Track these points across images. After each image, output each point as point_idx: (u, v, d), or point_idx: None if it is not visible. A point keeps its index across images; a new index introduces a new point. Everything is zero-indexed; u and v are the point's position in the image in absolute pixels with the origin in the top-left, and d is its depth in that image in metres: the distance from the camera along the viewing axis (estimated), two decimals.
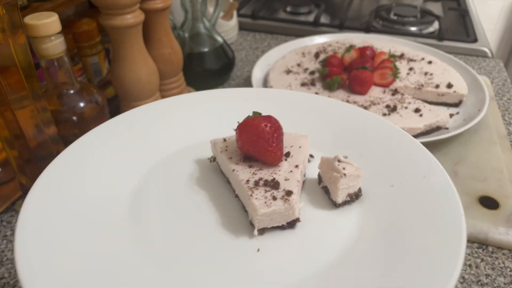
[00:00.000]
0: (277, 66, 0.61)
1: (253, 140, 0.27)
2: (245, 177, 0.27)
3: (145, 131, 0.34)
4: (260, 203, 0.25)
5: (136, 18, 0.42)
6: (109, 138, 0.33)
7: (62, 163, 0.29)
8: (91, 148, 0.31)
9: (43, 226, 0.25)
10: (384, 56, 0.58)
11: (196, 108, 0.37)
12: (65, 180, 0.28)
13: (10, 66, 0.32)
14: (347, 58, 0.58)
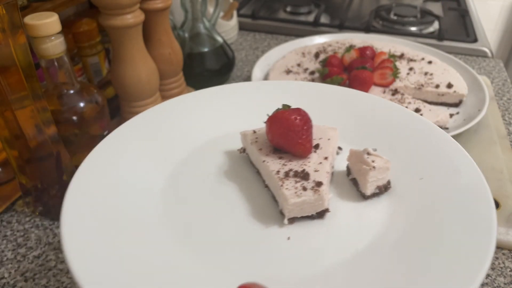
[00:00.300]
0: (277, 66, 0.61)
1: (283, 132, 0.28)
2: (276, 168, 0.28)
3: (177, 122, 0.35)
4: (290, 193, 0.26)
5: (136, 18, 0.42)
6: (144, 129, 0.33)
7: (100, 153, 0.31)
8: (127, 139, 0.32)
9: (85, 212, 0.26)
10: (384, 56, 0.58)
11: (224, 100, 0.37)
12: (104, 169, 0.29)
13: (10, 66, 0.32)
14: (347, 58, 0.58)
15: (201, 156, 0.32)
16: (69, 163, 0.40)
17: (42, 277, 0.35)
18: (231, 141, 0.33)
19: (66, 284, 0.34)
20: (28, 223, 0.40)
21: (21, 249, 0.37)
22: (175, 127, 0.34)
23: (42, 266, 0.36)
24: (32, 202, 0.40)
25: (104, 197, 0.27)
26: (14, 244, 0.38)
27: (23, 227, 0.40)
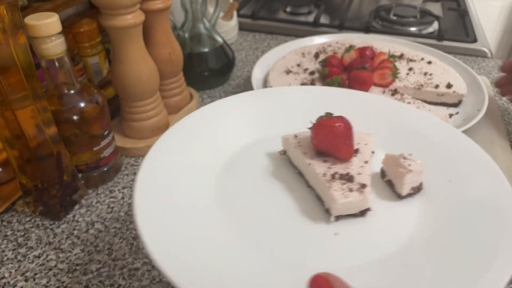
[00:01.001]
0: (277, 66, 0.61)
1: (329, 138, 0.31)
2: (322, 171, 0.30)
3: (226, 121, 0.37)
4: (338, 194, 0.28)
5: (137, 19, 0.42)
6: (198, 126, 0.36)
7: (165, 142, 0.33)
8: (181, 135, 0.35)
9: (154, 184, 0.29)
10: (384, 56, 0.58)
11: (264, 104, 0.40)
12: (167, 157, 0.32)
13: (11, 66, 0.32)
14: (347, 58, 0.58)
15: (245, 156, 0.35)
16: (69, 163, 0.40)
17: (42, 277, 0.35)
18: (271, 143, 0.36)
19: (66, 284, 0.34)
20: (28, 223, 0.40)
21: (21, 249, 0.37)
22: (223, 127, 0.37)
23: (42, 266, 0.36)
24: (33, 202, 0.40)
25: (168, 181, 0.30)
26: (14, 244, 0.38)
27: (23, 227, 0.40)
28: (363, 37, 0.71)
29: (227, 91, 0.63)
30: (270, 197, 0.32)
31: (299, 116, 0.35)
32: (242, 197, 0.32)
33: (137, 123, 0.49)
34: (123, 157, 0.49)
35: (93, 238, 0.38)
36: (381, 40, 0.69)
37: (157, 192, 0.29)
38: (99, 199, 0.43)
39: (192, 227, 0.28)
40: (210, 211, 0.30)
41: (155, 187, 0.29)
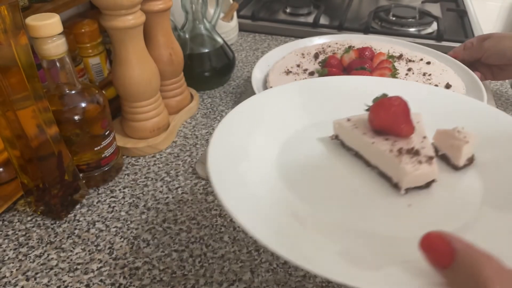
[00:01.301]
0: (277, 66, 0.61)
1: (391, 116, 0.32)
2: (387, 148, 0.32)
3: (280, 108, 0.39)
4: (409, 167, 0.30)
5: (137, 19, 0.42)
6: (256, 110, 0.38)
7: (227, 122, 0.35)
8: (241, 118, 0.36)
9: (224, 153, 0.31)
10: (383, 56, 0.58)
11: (304, 94, 0.41)
12: (232, 134, 0.34)
13: (12, 66, 0.32)
14: (346, 59, 0.58)
15: (298, 141, 0.37)
16: (70, 163, 0.40)
17: (43, 276, 0.35)
18: (315, 130, 0.38)
19: (67, 283, 0.34)
20: (29, 222, 0.40)
21: (22, 248, 0.38)
22: (278, 112, 0.39)
23: (43, 265, 0.36)
24: (34, 201, 0.40)
25: (233, 162, 0.32)
26: (15, 243, 0.38)
27: (24, 226, 0.40)
28: (362, 37, 0.71)
29: (227, 92, 0.63)
30: (333, 176, 0.33)
31: (337, 104, 0.39)
32: (305, 177, 0.33)
33: (138, 123, 0.49)
34: (124, 157, 0.49)
35: (94, 238, 0.39)
36: (380, 41, 0.69)
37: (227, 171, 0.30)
38: (100, 198, 0.43)
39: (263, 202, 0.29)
40: (280, 192, 0.31)
41: (223, 165, 0.31)
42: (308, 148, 0.36)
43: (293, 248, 0.24)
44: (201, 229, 0.40)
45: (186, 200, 0.43)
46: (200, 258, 0.37)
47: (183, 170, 0.47)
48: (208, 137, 0.53)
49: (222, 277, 0.35)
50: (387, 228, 0.28)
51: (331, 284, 0.34)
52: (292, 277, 0.35)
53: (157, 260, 0.36)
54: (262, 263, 0.36)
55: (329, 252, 0.25)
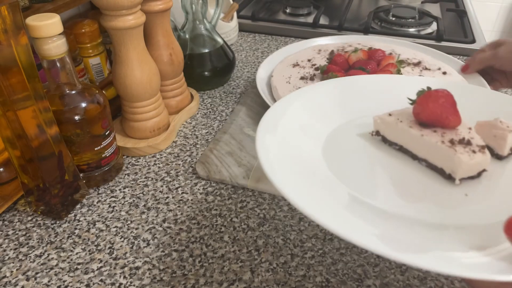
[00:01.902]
0: (289, 59, 0.62)
1: (439, 108, 0.33)
2: (438, 139, 0.32)
3: (323, 103, 0.40)
4: (465, 156, 0.30)
5: (137, 20, 0.42)
6: (303, 103, 0.39)
7: (277, 108, 0.36)
8: (285, 112, 0.37)
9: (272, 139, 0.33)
10: (391, 60, 0.57)
11: (339, 92, 0.42)
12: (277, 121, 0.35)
13: (12, 66, 0.32)
14: (353, 58, 0.58)
15: (339, 138, 0.37)
16: (71, 163, 0.40)
17: (43, 276, 0.35)
18: (353, 126, 0.38)
19: (67, 283, 0.35)
20: (30, 222, 0.40)
21: (23, 248, 0.38)
22: (324, 105, 0.39)
23: (43, 265, 0.36)
24: (34, 201, 0.40)
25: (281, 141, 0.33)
26: (16, 243, 0.38)
27: (25, 226, 0.40)
28: (386, 40, 0.68)
29: (227, 92, 0.63)
30: (381, 170, 0.34)
31: (369, 101, 0.39)
32: (353, 171, 0.33)
33: (138, 123, 0.49)
34: (124, 157, 0.49)
35: (94, 237, 0.39)
36: (405, 46, 0.67)
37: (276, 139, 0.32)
38: (100, 198, 0.43)
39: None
40: (334, 186, 0.31)
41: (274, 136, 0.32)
42: (350, 145, 0.36)
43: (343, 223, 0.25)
44: (201, 229, 0.40)
45: (186, 200, 0.43)
46: (200, 258, 0.37)
47: (183, 170, 0.47)
48: (208, 137, 0.53)
49: (222, 277, 0.35)
50: (450, 217, 0.28)
51: (331, 283, 0.34)
52: (292, 277, 0.35)
53: (157, 260, 0.37)
54: (262, 262, 0.36)
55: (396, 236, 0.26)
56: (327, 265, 0.36)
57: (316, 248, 0.37)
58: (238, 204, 0.42)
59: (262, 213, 0.41)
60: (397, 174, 0.33)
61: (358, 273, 0.35)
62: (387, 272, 0.35)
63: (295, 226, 0.40)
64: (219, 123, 0.56)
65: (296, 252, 0.37)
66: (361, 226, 0.26)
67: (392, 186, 0.32)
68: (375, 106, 0.38)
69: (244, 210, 0.42)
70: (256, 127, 0.52)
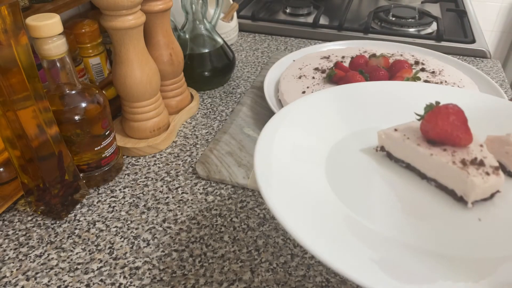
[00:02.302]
0: (308, 56, 0.63)
1: (449, 125, 0.30)
2: (448, 159, 0.30)
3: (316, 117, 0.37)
4: (478, 179, 0.28)
5: (137, 20, 0.42)
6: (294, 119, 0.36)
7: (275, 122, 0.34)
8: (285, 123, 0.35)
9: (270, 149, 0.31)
10: (407, 74, 0.54)
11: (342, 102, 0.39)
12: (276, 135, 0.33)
13: (13, 67, 0.32)
14: (373, 63, 0.57)
15: (342, 153, 0.35)
16: (71, 163, 0.40)
17: (43, 276, 0.35)
18: (355, 140, 0.36)
19: (67, 283, 0.35)
20: (30, 222, 0.40)
21: (23, 248, 0.38)
22: (324, 117, 0.37)
23: (44, 265, 0.36)
24: (34, 201, 0.40)
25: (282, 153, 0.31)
26: (16, 243, 0.38)
27: (25, 226, 0.40)
28: (417, 49, 0.67)
29: (227, 92, 0.63)
30: (388, 191, 0.31)
31: (371, 110, 0.37)
32: (355, 189, 0.31)
33: (138, 123, 0.49)
34: (124, 157, 0.49)
35: (94, 237, 0.39)
36: (438, 58, 0.65)
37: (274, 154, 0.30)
38: (100, 198, 0.43)
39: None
40: (331, 205, 0.29)
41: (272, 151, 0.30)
42: (353, 161, 0.34)
43: (333, 251, 0.23)
44: (201, 229, 0.40)
45: (186, 200, 0.43)
46: (200, 258, 0.37)
47: (183, 170, 0.47)
48: (208, 137, 0.53)
49: (222, 276, 0.35)
50: (463, 247, 0.26)
51: (330, 284, 0.34)
52: (292, 277, 0.35)
53: (157, 259, 0.37)
54: (262, 262, 0.36)
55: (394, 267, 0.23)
56: None
57: None
58: (238, 204, 0.42)
59: (262, 213, 0.41)
60: (404, 195, 0.31)
61: None
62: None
63: None
64: (219, 123, 0.56)
65: (296, 252, 0.37)
66: (359, 253, 0.24)
67: (398, 208, 0.29)
68: (378, 117, 0.36)
69: (244, 210, 0.42)
70: (256, 127, 0.53)
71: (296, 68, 0.60)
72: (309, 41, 0.80)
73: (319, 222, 0.26)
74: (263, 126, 0.53)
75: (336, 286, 0.34)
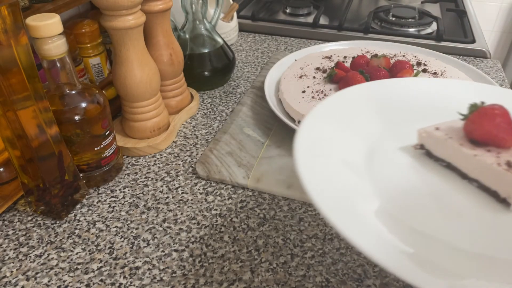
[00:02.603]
0: (301, 59, 0.63)
1: (495, 127, 0.30)
2: (493, 161, 0.30)
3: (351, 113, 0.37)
4: None
5: (137, 20, 0.42)
6: (330, 115, 0.36)
7: (317, 113, 0.34)
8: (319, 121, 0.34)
9: (312, 141, 0.31)
10: (408, 75, 0.54)
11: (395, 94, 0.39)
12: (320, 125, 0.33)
13: (13, 67, 0.32)
14: (374, 63, 0.57)
15: (380, 150, 0.34)
16: (71, 163, 0.40)
17: (43, 276, 0.35)
18: (393, 137, 0.36)
19: (67, 283, 0.35)
20: (30, 222, 0.40)
21: (23, 248, 0.38)
22: (360, 112, 0.37)
23: (44, 265, 0.36)
24: (34, 201, 0.40)
25: (322, 145, 0.31)
26: (16, 243, 0.38)
27: (25, 226, 0.40)
28: (423, 51, 0.66)
29: (227, 92, 0.63)
30: (426, 189, 0.31)
31: (408, 108, 0.36)
32: (395, 189, 0.30)
33: (138, 123, 0.49)
34: (124, 157, 0.49)
35: (94, 237, 0.39)
36: (438, 58, 0.64)
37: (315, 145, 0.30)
38: (100, 198, 0.43)
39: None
40: (368, 199, 0.29)
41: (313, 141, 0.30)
42: (391, 159, 0.34)
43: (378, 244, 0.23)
44: (201, 229, 0.40)
45: (186, 200, 0.43)
46: (200, 258, 0.37)
47: (183, 170, 0.47)
48: (208, 137, 0.53)
49: (222, 276, 0.35)
50: (503, 249, 0.26)
51: (330, 284, 0.34)
52: (292, 277, 0.35)
53: (157, 259, 0.37)
54: (262, 262, 0.36)
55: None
56: (327, 265, 0.36)
57: (316, 248, 0.37)
58: (238, 204, 0.43)
59: (262, 213, 0.41)
60: (443, 193, 0.31)
61: (358, 273, 0.35)
62: (387, 272, 0.35)
63: (295, 226, 0.40)
64: (219, 123, 0.56)
65: (296, 252, 0.37)
66: (396, 247, 0.24)
67: (436, 206, 0.29)
68: (414, 114, 0.36)
69: (244, 210, 0.42)
70: (256, 127, 0.53)
71: (297, 68, 0.60)
72: (309, 41, 0.80)
73: (359, 216, 0.26)
74: (263, 126, 0.53)
75: (336, 286, 0.34)
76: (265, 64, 0.70)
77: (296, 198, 0.43)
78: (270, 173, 0.45)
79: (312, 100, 0.52)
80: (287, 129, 0.52)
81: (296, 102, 0.52)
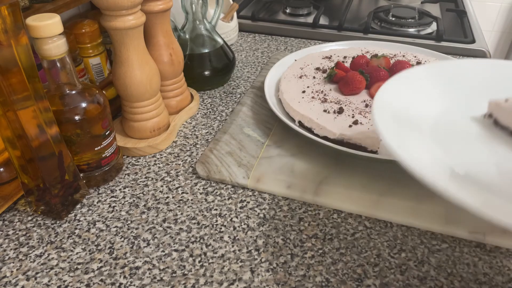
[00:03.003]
0: (301, 60, 0.62)
1: None
2: None
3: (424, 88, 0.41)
4: None
5: (138, 20, 0.42)
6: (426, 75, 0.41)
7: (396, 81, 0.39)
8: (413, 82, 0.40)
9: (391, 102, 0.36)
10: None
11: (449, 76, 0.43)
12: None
13: (13, 67, 0.32)
14: (374, 63, 0.56)
15: (451, 118, 0.38)
16: (71, 163, 0.40)
17: (44, 276, 0.35)
18: (462, 109, 0.39)
19: (68, 283, 0.35)
20: (30, 222, 0.40)
21: (23, 248, 0.38)
22: (433, 86, 0.41)
23: (44, 265, 0.36)
24: (34, 201, 0.40)
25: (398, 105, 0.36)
26: (16, 243, 0.38)
27: (25, 226, 0.40)
28: (422, 51, 0.65)
29: (227, 92, 0.63)
30: (490, 152, 0.35)
31: (479, 87, 0.41)
32: (461, 151, 0.34)
33: (138, 123, 0.49)
34: (124, 157, 0.49)
35: (95, 237, 0.39)
36: (438, 58, 0.63)
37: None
38: (101, 198, 0.43)
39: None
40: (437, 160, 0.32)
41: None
42: (460, 124, 0.38)
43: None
44: (201, 229, 0.40)
45: (186, 200, 0.43)
46: (200, 258, 0.37)
47: (183, 170, 0.47)
48: (208, 137, 0.53)
49: (222, 276, 0.35)
50: None
51: (330, 284, 0.34)
52: (292, 277, 0.35)
53: (157, 259, 0.37)
54: (262, 262, 0.36)
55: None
56: (327, 265, 0.36)
57: (316, 248, 0.37)
58: (238, 204, 0.43)
59: (262, 213, 0.41)
60: (506, 157, 0.34)
61: (358, 273, 0.35)
62: (387, 272, 0.35)
63: (295, 226, 0.40)
64: (219, 123, 0.56)
65: (296, 252, 0.37)
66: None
67: (497, 169, 0.32)
68: (485, 93, 0.39)
69: (244, 210, 0.42)
70: (256, 127, 0.53)
71: (297, 68, 0.60)
72: (309, 41, 0.80)
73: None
74: (263, 126, 0.53)
75: (336, 286, 0.34)
76: (265, 64, 0.70)
77: (296, 198, 0.43)
78: (270, 173, 0.45)
79: (312, 100, 0.52)
80: (287, 129, 0.52)
81: (296, 102, 0.52)
